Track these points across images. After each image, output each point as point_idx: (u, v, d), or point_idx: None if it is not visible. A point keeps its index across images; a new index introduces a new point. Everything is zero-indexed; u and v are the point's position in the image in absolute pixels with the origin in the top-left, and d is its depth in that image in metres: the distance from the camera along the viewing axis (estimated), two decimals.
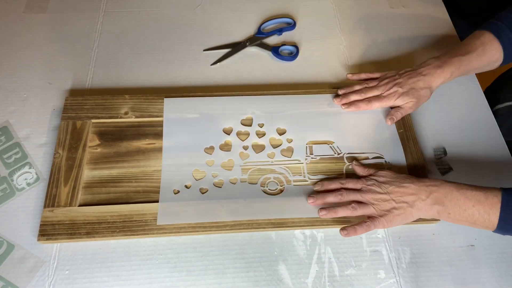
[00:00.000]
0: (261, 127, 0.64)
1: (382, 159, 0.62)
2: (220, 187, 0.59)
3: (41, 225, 0.54)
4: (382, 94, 0.65)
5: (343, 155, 0.62)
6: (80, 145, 0.61)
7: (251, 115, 0.65)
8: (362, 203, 0.55)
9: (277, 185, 0.59)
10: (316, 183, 0.59)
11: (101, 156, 0.61)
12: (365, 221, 0.54)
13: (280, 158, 0.62)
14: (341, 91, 0.67)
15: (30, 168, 0.61)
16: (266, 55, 0.76)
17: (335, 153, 0.63)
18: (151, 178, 0.59)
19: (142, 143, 0.62)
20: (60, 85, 0.70)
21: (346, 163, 0.62)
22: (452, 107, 0.71)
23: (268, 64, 0.75)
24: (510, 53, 0.64)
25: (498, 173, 0.64)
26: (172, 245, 0.56)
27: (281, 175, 0.60)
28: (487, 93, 0.84)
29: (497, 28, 0.63)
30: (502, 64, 0.65)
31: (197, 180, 0.59)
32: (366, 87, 0.66)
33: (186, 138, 0.62)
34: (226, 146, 0.62)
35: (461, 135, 0.68)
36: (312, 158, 0.62)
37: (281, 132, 0.64)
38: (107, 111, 0.64)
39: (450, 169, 0.64)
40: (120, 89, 0.70)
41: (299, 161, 0.62)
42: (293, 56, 0.76)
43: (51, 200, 0.56)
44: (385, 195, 0.54)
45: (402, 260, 0.56)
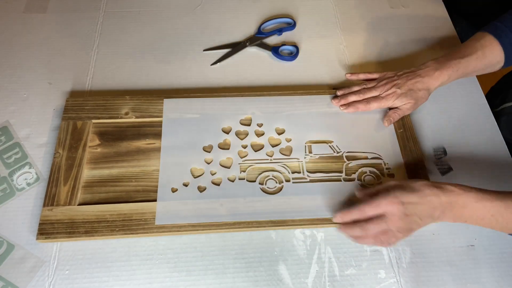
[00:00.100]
0: (260, 126, 0.64)
1: (380, 159, 0.62)
2: (219, 185, 0.59)
3: (40, 224, 0.54)
4: (380, 95, 0.65)
5: (342, 153, 0.62)
6: (80, 145, 0.61)
7: (250, 115, 0.65)
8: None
9: (276, 182, 0.59)
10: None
11: (101, 156, 0.61)
12: None
13: (279, 156, 0.62)
14: (339, 92, 0.67)
15: (30, 168, 0.61)
16: (266, 55, 0.76)
17: (334, 152, 0.62)
18: (151, 177, 0.59)
19: (142, 143, 0.62)
20: (60, 85, 0.70)
21: (345, 161, 0.62)
22: (452, 107, 0.71)
23: (268, 64, 0.75)
24: (511, 56, 0.63)
25: (498, 173, 0.64)
26: (172, 245, 0.56)
27: (279, 172, 0.60)
28: (492, 93, 0.83)
29: (498, 30, 0.62)
30: (503, 66, 0.65)
31: (195, 177, 0.59)
32: (365, 88, 0.66)
33: (185, 137, 0.62)
34: (225, 145, 0.62)
35: (461, 135, 0.67)
36: (311, 157, 0.62)
37: (280, 132, 0.64)
38: (108, 112, 0.64)
39: (450, 169, 0.64)
40: (120, 89, 0.70)
41: (298, 159, 0.62)
42: (293, 56, 0.76)
43: (50, 199, 0.56)
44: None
45: (402, 260, 0.56)
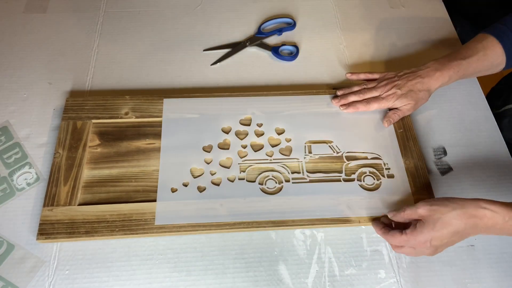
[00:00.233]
0: (259, 126, 0.64)
1: (380, 160, 0.62)
2: (218, 185, 0.59)
3: (40, 224, 0.54)
4: (380, 95, 0.64)
5: (342, 154, 0.62)
6: (80, 145, 0.61)
7: (250, 115, 0.65)
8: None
9: (276, 183, 0.59)
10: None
11: (101, 156, 0.61)
12: None
13: (278, 156, 0.62)
14: (339, 92, 0.67)
15: (30, 168, 0.61)
16: (266, 55, 0.76)
17: (334, 152, 0.62)
18: (151, 177, 0.59)
19: (142, 143, 0.62)
20: (60, 85, 0.70)
21: (345, 162, 0.62)
22: (452, 107, 0.71)
23: (268, 64, 0.75)
24: None
25: (498, 173, 0.64)
26: (172, 245, 0.56)
27: (279, 173, 0.60)
28: (493, 93, 0.83)
29: (500, 32, 0.62)
30: (504, 68, 0.64)
31: (195, 177, 0.59)
32: (365, 88, 0.66)
33: (184, 137, 0.62)
34: (224, 145, 0.62)
35: (461, 135, 0.67)
36: (311, 157, 0.62)
37: (280, 132, 0.64)
38: (108, 112, 0.64)
39: (450, 169, 0.64)
40: (120, 89, 0.70)
41: (298, 159, 0.62)
42: (293, 56, 0.76)
43: (50, 199, 0.56)
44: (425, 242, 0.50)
45: (402, 260, 0.56)
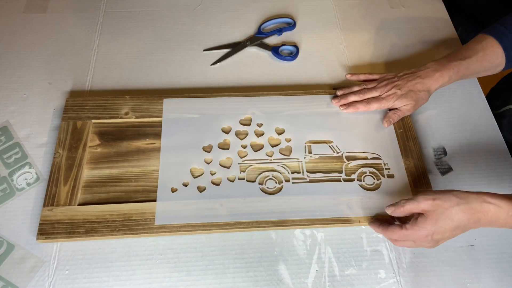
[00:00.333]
0: (259, 126, 0.64)
1: (380, 160, 0.62)
2: (218, 185, 0.59)
3: (40, 224, 0.54)
4: (380, 95, 0.64)
5: (342, 154, 0.62)
6: (80, 145, 0.61)
7: (250, 115, 0.65)
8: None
9: (276, 183, 0.59)
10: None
11: (101, 156, 0.61)
12: None
13: (278, 156, 0.62)
14: (339, 92, 0.67)
15: (30, 168, 0.61)
16: (266, 55, 0.76)
17: (334, 152, 0.62)
18: (151, 177, 0.59)
19: (142, 143, 0.62)
20: (60, 85, 0.70)
21: (345, 162, 0.62)
22: (452, 107, 0.71)
23: (268, 64, 0.75)
24: None
25: (498, 173, 0.64)
26: (172, 245, 0.56)
27: (279, 173, 0.60)
28: (492, 93, 0.83)
29: (499, 33, 0.62)
30: (504, 68, 0.64)
31: (195, 177, 0.59)
32: (365, 88, 0.66)
33: (185, 137, 0.62)
34: (224, 145, 0.62)
35: (461, 135, 0.67)
36: (311, 157, 0.62)
37: (280, 132, 0.64)
38: (108, 112, 0.64)
39: (450, 169, 0.64)
40: (119, 89, 0.70)
41: (298, 159, 0.62)
42: (293, 56, 0.76)
43: (50, 199, 0.56)
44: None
45: (402, 260, 0.56)
